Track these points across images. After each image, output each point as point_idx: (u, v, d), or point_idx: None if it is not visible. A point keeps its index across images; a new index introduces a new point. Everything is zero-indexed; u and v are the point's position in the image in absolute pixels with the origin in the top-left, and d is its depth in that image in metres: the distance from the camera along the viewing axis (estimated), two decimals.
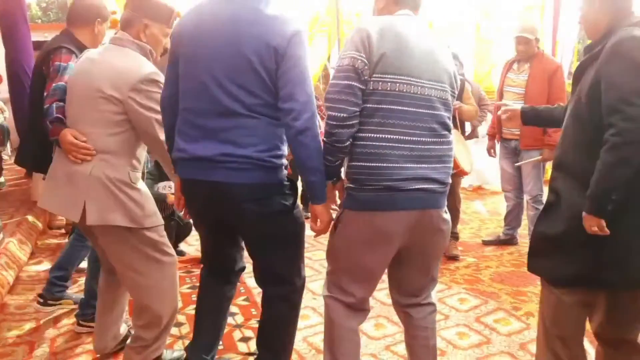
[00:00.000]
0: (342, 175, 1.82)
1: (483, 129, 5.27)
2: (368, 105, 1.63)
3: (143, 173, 2.16)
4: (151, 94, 1.90)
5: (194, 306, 2.12)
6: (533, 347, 2.34)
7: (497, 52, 9.02)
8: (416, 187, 1.65)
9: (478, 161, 4.54)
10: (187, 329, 2.62)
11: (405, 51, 1.63)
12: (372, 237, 1.69)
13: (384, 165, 1.62)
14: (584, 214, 1.56)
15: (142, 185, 2.02)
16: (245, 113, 1.68)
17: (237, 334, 2.59)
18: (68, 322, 2.74)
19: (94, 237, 2.10)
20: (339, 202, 1.84)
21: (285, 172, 1.80)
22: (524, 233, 3.89)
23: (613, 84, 1.54)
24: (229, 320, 2.72)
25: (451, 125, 1.76)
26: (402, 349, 2.36)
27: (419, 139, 1.65)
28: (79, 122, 1.96)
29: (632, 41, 1.54)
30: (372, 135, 1.63)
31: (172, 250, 2.09)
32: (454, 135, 1.81)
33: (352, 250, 1.73)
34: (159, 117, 1.90)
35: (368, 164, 1.64)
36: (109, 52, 1.99)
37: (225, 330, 2.60)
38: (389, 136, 1.62)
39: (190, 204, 1.92)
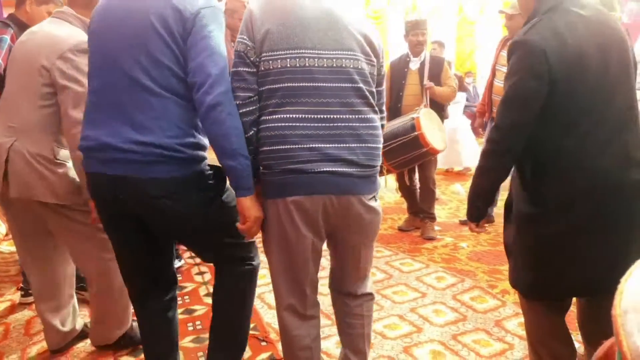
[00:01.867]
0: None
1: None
2: (265, 87, 1.48)
3: None
4: (78, 64, 1.82)
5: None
6: (508, 324, 2.41)
7: (481, 33, 9.07)
8: (325, 169, 1.48)
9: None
10: None
11: (294, 22, 1.46)
12: (288, 226, 1.52)
13: (286, 147, 1.47)
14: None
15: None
16: (155, 89, 1.48)
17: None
18: None
19: (14, 209, 2.05)
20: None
21: (204, 163, 1.60)
22: (499, 212, 3.95)
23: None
24: (207, 300, 2.73)
25: (373, 100, 1.56)
26: (389, 326, 2.39)
27: (327, 116, 1.47)
28: (11, 95, 1.95)
29: (517, 44, 1.46)
30: (272, 117, 1.48)
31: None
32: (426, 113, 1.76)
33: (274, 245, 1.59)
34: (80, 90, 1.79)
35: (271, 148, 1.49)
36: (48, 24, 1.97)
37: (192, 287, 2.61)
38: (288, 116, 1.46)
39: (97, 205, 1.67)
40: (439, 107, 3.71)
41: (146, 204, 1.54)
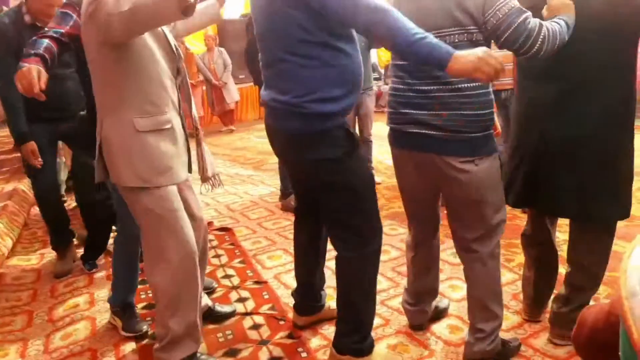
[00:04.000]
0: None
1: None
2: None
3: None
4: None
5: None
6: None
7: None
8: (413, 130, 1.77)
9: None
10: None
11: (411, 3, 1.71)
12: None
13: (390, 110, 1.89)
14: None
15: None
16: (288, 57, 1.68)
17: (233, 295, 2.62)
18: (65, 290, 2.77)
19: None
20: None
21: (330, 121, 1.70)
22: None
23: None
24: (226, 282, 2.76)
25: None
26: (396, 302, 2.40)
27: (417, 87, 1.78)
28: None
29: None
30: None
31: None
32: None
33: None
34: None
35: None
36: None
37: (222, 292, 2.64)
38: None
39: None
40: None
41: (287, 151, 1.86)
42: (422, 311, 2.18)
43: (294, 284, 2.30)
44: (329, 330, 2.24)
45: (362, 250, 1.82)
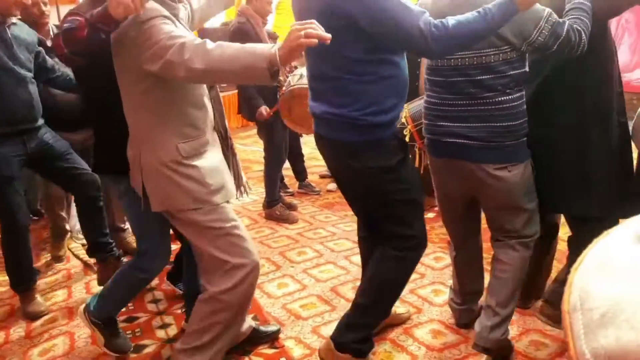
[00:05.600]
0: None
1: None
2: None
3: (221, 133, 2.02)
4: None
5: None
6: None
7: None
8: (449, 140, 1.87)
9: None
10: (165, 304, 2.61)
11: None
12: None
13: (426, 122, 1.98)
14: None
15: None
16: (337, 75, 1.73)
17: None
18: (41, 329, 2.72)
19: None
20: None
21: (384, 131, 1.78)
22: None
23: None
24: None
25: (501, 81, 1.79)
26: None
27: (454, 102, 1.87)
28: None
29: None
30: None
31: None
32: None
33: None
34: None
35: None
36: None
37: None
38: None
39: None
40: None
41: (337, 160, 1.90)
42: (469, 310, 2.24)
43: (276, 292, 2.29)
44: (312, 339, 2.23)
45: (407, 253, 1.91)
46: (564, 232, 2.34)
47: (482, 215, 2.13)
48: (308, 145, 4.73)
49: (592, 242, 0.41)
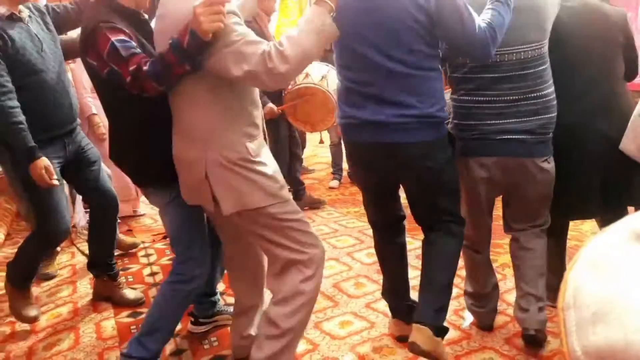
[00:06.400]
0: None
1: None
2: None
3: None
4: None
5: None
6: (509, 297, 2.42)
7: None
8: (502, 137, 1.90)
9: None
10: None
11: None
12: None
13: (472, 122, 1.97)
14: None
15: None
16: (412, 72, 1.73)
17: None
18: (47, 300, 2.74)
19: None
20: None
21: (445, 127, 1.87)
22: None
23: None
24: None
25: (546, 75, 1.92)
26: (381, 305, 2.40)
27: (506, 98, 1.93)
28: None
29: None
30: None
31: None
32: None
33: None
34: None
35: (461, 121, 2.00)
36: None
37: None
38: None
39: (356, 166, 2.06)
40: None
41: (408, 164, 1.83)
42: (494, 309, 2.24)
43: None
44: (315, 334, 2.24)
45: (460, 236, 1.96)
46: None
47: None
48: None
49: (588, 240, 0.42)
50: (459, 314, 2.36)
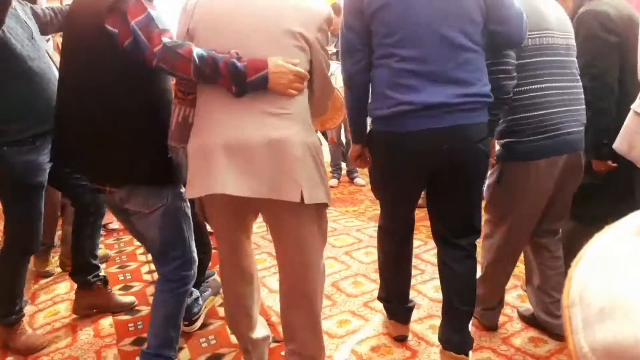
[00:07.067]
0: None
1: None
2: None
3: None
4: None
5: None
6: (508, 296, 2.42)
7: None
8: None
9: None
10: None
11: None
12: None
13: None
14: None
15: None
16: (472, 47, 1.63)
17: (217, 299, 2.61)
18: (45, 297, 2.73)
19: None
20: None
21: None
22: None
23: (579, 52, 1.91)
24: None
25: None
26: (379, 304, 2.40)
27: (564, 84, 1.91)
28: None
29: (588, 14, 1.98)
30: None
31: None
32: None
33: None
34: None
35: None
36: None
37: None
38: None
39: (396, 161, 1.74)
40: None
41: (467, 149, 1.67)
42: (500, 311, 2.25)
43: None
44: None
45: (474, 247, 1.88)
46: None
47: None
48: None
49: (593, 237, 0.42)
50: None
